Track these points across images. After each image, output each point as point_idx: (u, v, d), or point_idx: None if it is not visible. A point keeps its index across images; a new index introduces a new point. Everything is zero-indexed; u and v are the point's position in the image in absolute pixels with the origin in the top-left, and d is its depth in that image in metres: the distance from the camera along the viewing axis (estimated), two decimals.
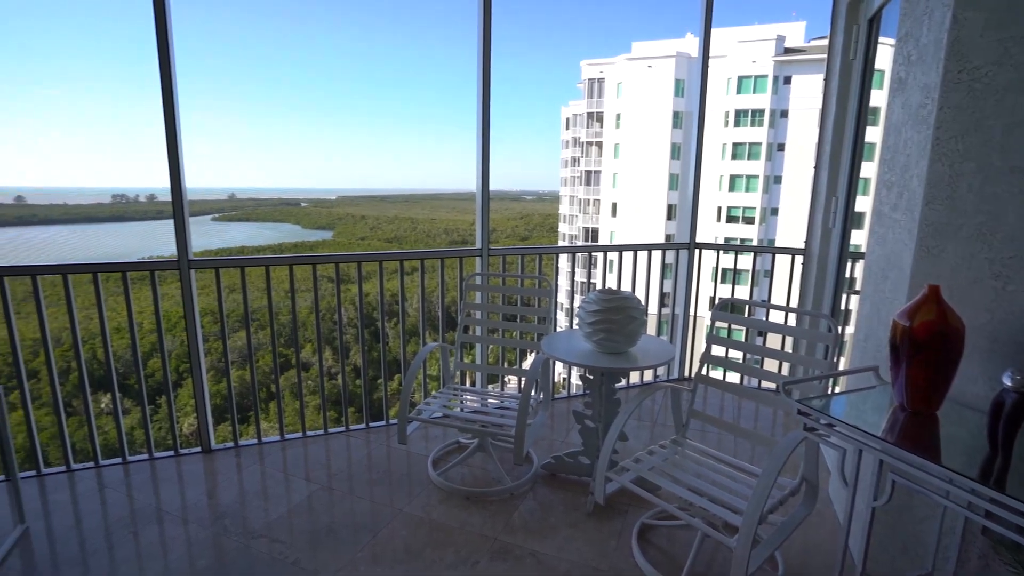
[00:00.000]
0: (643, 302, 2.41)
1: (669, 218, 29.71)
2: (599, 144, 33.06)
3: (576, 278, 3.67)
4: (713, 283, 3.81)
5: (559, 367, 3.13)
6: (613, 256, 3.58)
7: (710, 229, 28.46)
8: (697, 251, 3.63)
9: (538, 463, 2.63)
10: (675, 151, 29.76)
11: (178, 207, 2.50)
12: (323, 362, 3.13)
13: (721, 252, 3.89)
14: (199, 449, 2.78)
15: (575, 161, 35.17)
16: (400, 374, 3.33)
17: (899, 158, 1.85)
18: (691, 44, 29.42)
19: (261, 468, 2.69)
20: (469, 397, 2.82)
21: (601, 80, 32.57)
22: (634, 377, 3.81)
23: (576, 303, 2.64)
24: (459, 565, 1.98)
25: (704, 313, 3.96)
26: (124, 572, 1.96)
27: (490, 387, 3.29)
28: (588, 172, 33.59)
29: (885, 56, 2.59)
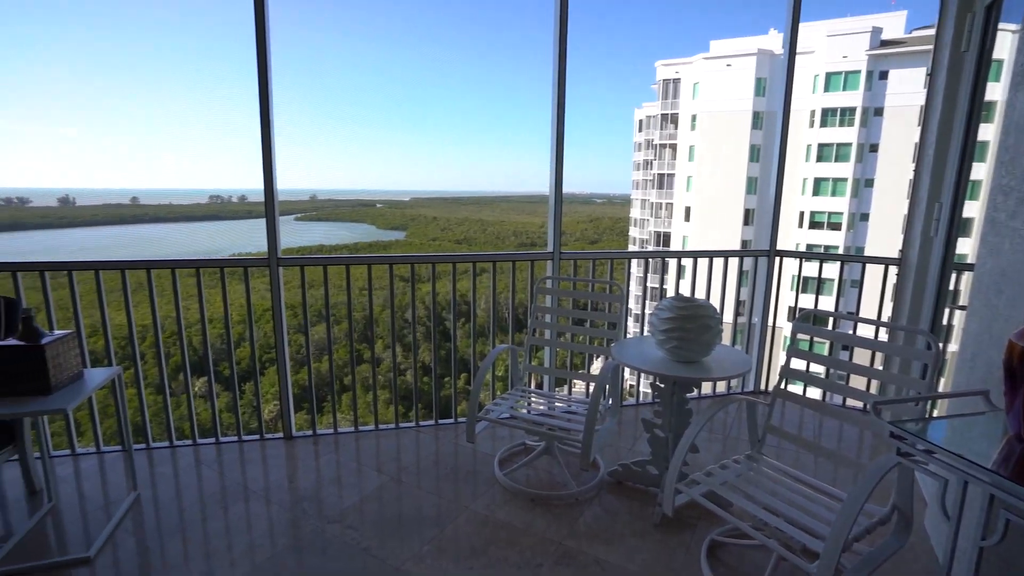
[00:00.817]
0: (717, 310, 2.33)
1: (746, 223, 28.41)
2: (673, 146, 32.17)
3: (647, 284, 3.58)
4: (795, 293, 3.61)
5: (627, 373, 3.07)
6: (686, 262, 3.47)
7: (791, 235, 26.92)
8: (778, 259, 3.45)
9: (604, 470, 2.60)
10: (754, 153, 28.41)
11: (270, 209, 2.68)
12: (395, 358, 3.25)
13: (803, 260, 3.68)
14: (281, 435, 2.97)
15: (647, 164, 34.42)
16: (467, 373, 3.40)
17: (1021, 160, 1.68)
18: (775, 41, 27.98)
19: (336, 457, 2.83)
20: (536, 400, 2.84)
21: (676, 81, 31.68)
22: (706, 388, 3.68)
23: (646, 309, 2.59)
24: (523, 567, 1.99)
25: (783, 324, 3.77)
26: (215, 544, 2.13)
27: (557, 390, 3.28)
28: (661, 175, 32.77)
29: (1003, 45, 2.36)
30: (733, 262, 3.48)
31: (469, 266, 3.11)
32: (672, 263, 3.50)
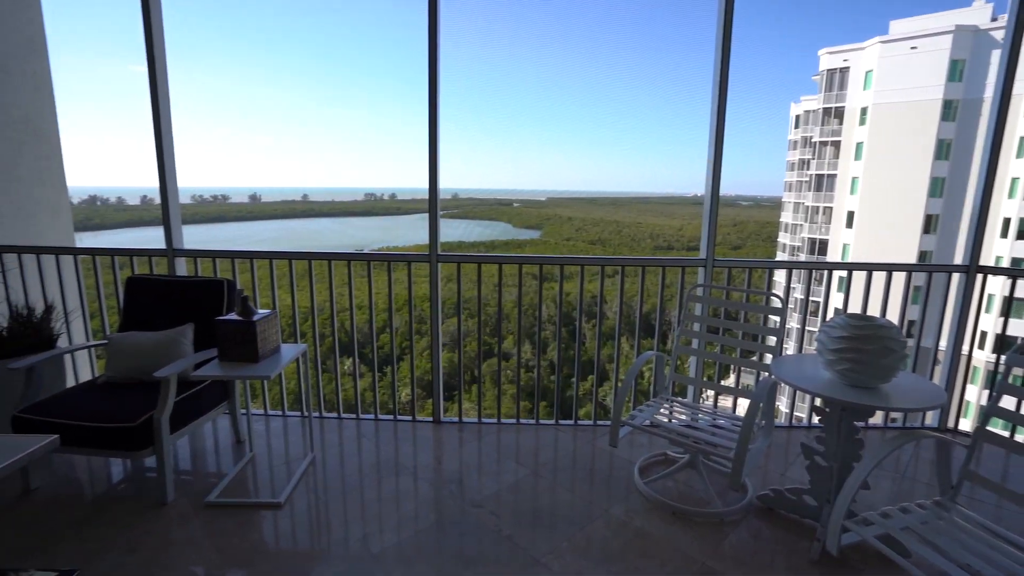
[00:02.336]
0: (902, 332, 2.05)
1: (927, 231, 24.50)
2: (836, 144, 28.81)
3: (795, 295, 3.25)
4: (1003, 317, 3.06)
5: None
6: (842, 273, 3.09)
7: (992, 246, 22.64)
8: (980, 275, 2.95)
9: (753, 493, 2.44)
10: (942, 149, 24.34)
11: (433, 209, 2.90)
12: (540, 356, 3.34)
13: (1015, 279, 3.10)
14: (431, 419, 3.20)
15: (804, 164, 31.27)
16: (593, 375, 3.39)
17: None
18: (979, 14, 23.79)
19: (479, 445, 2.98)
20: (680, 410, 2.74)
21: (844, 70, 28.27)
22: (874, 417, 3.26)
23: (794, 323, 2.36)
24: None
25: (973, 352, 3.20)
26: (370, 512, 2.36)
27: (700, 402, 3.14)
28: (819, 176, 29.54)
29: None
30: (899, 276, 3.04)
31: (609, 268, 3.09)
32: (831, 275, 3.15)
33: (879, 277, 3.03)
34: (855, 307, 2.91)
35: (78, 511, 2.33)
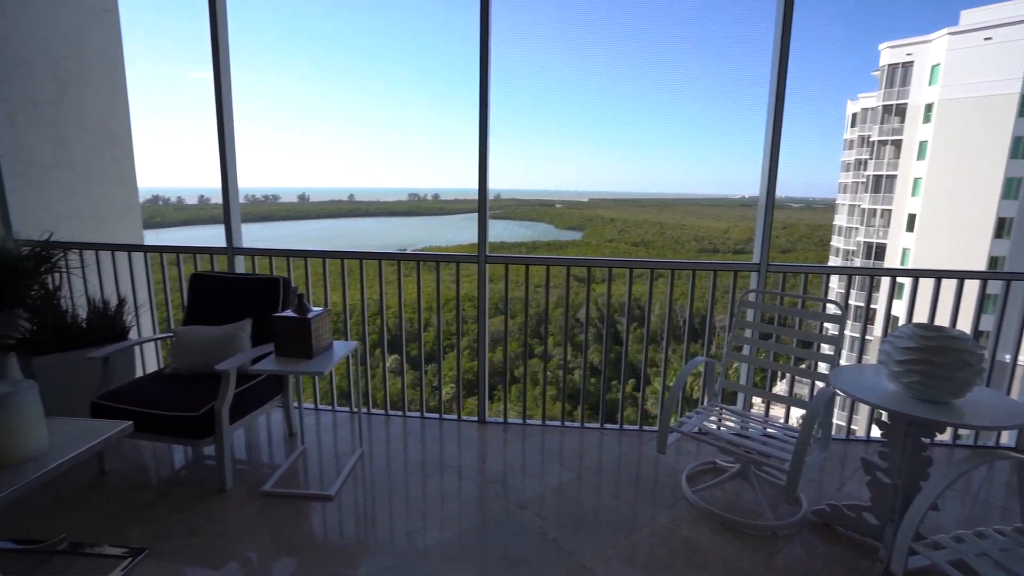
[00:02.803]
0: (979, 345, 1.93)
1: (998, 235, 22.94)
2: (896, 143, 27.38)
3: (850, 301, 3.10)
4: None
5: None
6: (903, 280, 2.92)
7: None
8: None
9: (808, 507, 2.34)
10: (1018, 148, 22.76)
11: (482, 211, 2.92)
12: (585, 358, 3.32)
13: None
14: (476, 419, 3.23)
15: (861, 164, 29.87)
16: (635, 379, 3.34)
17: None
18: None
19: (523, 446, 2.99)
20: (729, 417, 2.66)
21: (907, 65, 26.83)
22: (944, 433, 3.08)
23: (850, 330, 2.26)
24: None
25: None
26: (416, 510, 2.40)
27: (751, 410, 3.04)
28: (878, 177, 28.14)
29: None
30: (969, 284, 2.85)
31: (648, 270, 3.04)
32: (894, 283, 2.99)
33: (948, 285, 2.86)
34: (920, 316, 2.76)
35: (145, 493, 2.46)
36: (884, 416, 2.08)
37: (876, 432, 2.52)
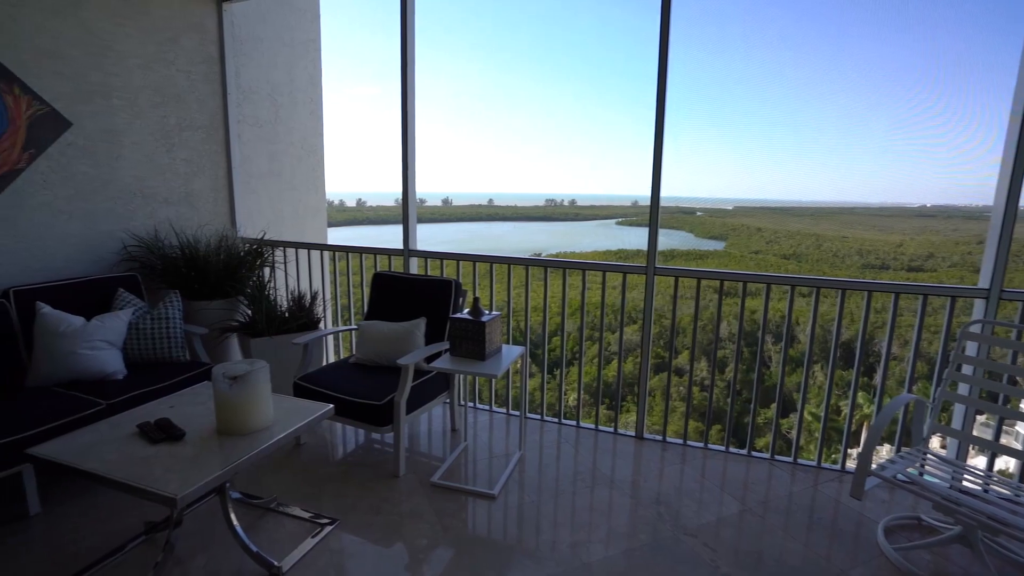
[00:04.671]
0: None
1: None
2: None
3: None
4: None
5: None
6: None
7: None
8: None
9: None
10: None
11: (653, 220, 2.83)
12: (735, 377, 3.06)
13: None
14: (633, 434, 3.14)
15: None
16: (776, 403, 3.01)
17: None
18: None
19: (682, 467, 2.83)
20: (937, 467, 2.27)
21: None
22: None
23: None
24: None
25: None
26: (579, 520, 2.37)
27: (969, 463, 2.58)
28: None
29: None
30: None
31: (814, 288, 2.70)
32: None
33: None
34: None
35: (333, 468, 2.74)
36: None
37: None
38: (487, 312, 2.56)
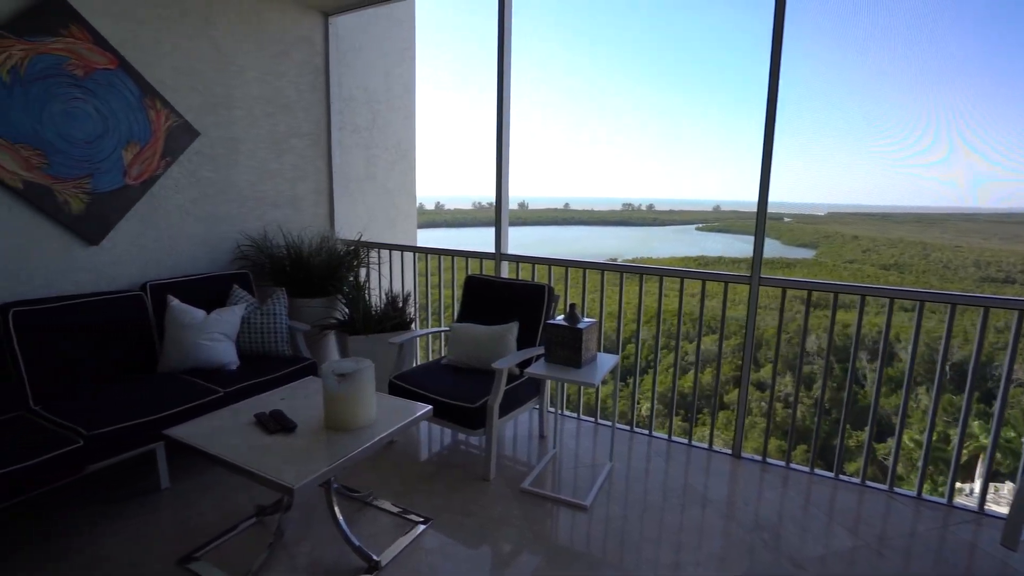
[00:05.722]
0: None
1: None
2: None
3: None
4: None
5: None
6: None
7: None
8: None
9: None
10: None
11: (760, 228, 2.67)
12: (849, 398, 2.81)
13: None
14: (730, 451, 2.97)
15: None
16: (868, 426, 2.70)
17: None
18: None
19: (784, 493, 2.65)
20: None
21: None
22: None
23: None
24: None
25: None
26: (676, 540, 2.27)
27: None
28: None
29: None
30: None
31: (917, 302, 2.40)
32: None
33: None
34: None
35: (425, 468, 2.80)
36: None
37: None
38: (583, 319, 2.51)
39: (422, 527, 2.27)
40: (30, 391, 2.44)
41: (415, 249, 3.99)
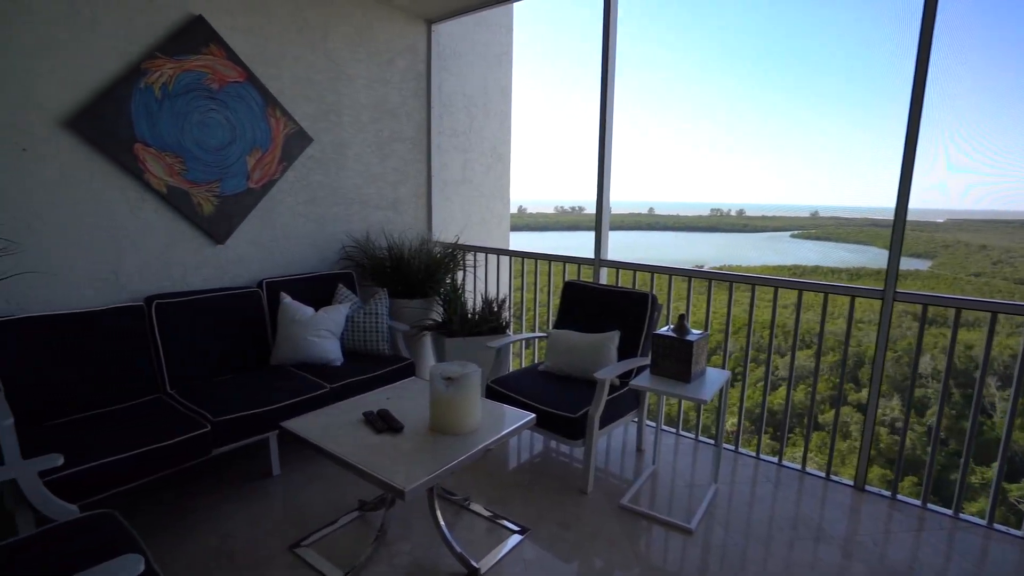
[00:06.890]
0: None
1: None
2: None
3: None
4: None
5: None
6: None
7: None
8: None
9: None
10: None
11: (896, 239, 2.40)
12: (975, 423, 2.44)
13: None
14: (851, 483, 2.70)
15: None
16: (996, 462, 2.27)
17: None
18: None
19: (918, 536, 2.35)
20: None
21: None
22: None
23: None
24: None
25: None
26: (789, 573, 2.07)
27: None
28: None
29: None
30: None
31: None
32: None
33: None
34: None
35: (518, 475, 2.76)
36: None
37: None
38: (693, 331, 2.37)
39: (518, 536, 2.23)
40: (167, 376, 2.67)
41: (511, 253, 3.99)
